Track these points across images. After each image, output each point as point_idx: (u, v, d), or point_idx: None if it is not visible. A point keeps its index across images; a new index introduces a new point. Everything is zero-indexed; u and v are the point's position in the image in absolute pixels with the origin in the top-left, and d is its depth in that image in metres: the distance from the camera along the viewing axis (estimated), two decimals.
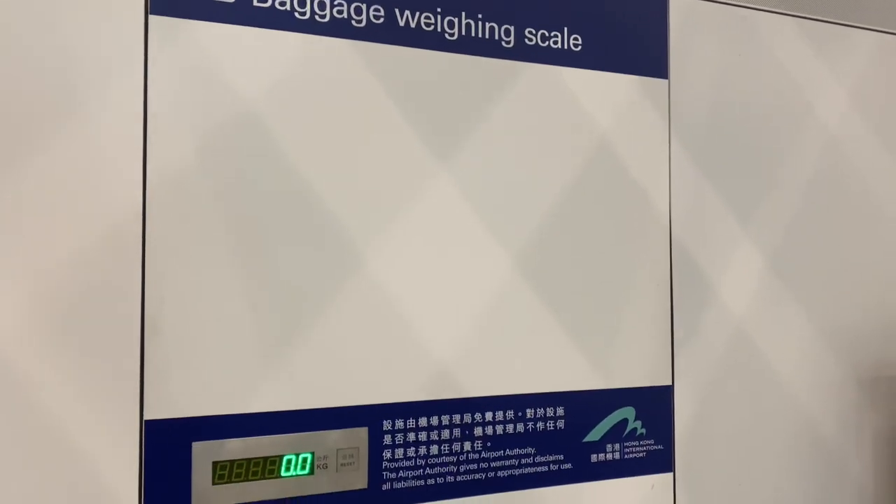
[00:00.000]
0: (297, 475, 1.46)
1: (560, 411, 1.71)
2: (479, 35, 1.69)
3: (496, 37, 1.70)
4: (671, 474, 1.82)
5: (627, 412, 1.77)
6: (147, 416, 1.35)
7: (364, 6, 1.58)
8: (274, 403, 1.45)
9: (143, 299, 1.36)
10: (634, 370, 1.79)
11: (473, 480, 1.63)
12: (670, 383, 1.83)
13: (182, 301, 1.39)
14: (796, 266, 2.03)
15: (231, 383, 1.42)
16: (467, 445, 1.62)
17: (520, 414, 1.67)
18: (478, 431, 1.64)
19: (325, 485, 1.49)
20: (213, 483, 1.39)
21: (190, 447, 1.38)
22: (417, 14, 1.63)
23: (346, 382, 1.52)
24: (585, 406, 1.73)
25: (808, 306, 2.03)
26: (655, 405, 1.81)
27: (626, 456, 1.77)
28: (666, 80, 1.88)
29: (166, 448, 1.37)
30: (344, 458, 1.51)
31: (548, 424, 1.70)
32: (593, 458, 1.74)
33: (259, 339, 1.44)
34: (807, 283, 2.04)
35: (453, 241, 1.64)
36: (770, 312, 1.97)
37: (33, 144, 1.31)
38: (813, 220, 2.07)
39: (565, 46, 1.77)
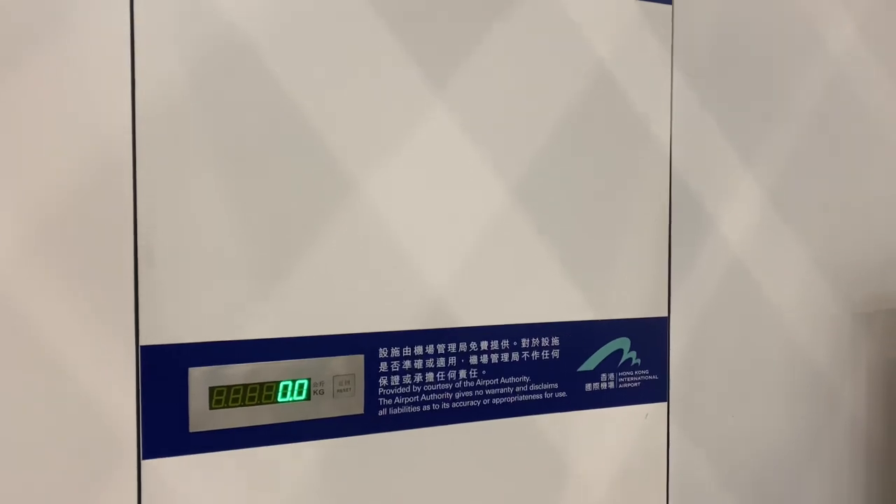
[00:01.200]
0: (293, 401, 1.48)
1: (555, 341, 1.72)
2: None
3: None
4: (665, 404, 1.84)
5: (622, 343, 1.78)
6: (143, 342, 1.36)
7: None
8: (270, 331, 1.46)
9: (136, 227, 1.36)
10: (630, 301, 1.79)
11: (468, 408, 1.65)
12: (666, 315, 1.83)
13: (174, 228, 1.38)
14: (797, 200, 2.01)
15: (226, 310, 1.42)
16: (462, 374, 1.64)
17: (515, 343, 1.68)
18: (473, 360, 1.65)
19: (321, 410, 1.51)
20: (211, 408, 1.41)
21: (186, 373, 1.40)
22: None
23: (342, 311, 1.52)
24: (580, 336, 1.74)
25: (807, 240, 2.02)
26: (651, 336, 1.82)
27: (620, 385, 1.79)
28: (669, 6, 1.83)
29: (163, 374, 1.38)
30: (340, 385, 1.52)
31: (543, 354, 1.71)
32: (588, 387, 1.76)
33: (253, 267, 1.44)
34: (807, 217, 2.03)
35: (449, 169, 1.62)
36: (769, 245, 1.96)
37: (17, 70, 1.29)
38: (816, 154, 2.04)
39: None
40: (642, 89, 1.80)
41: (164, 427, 1.38)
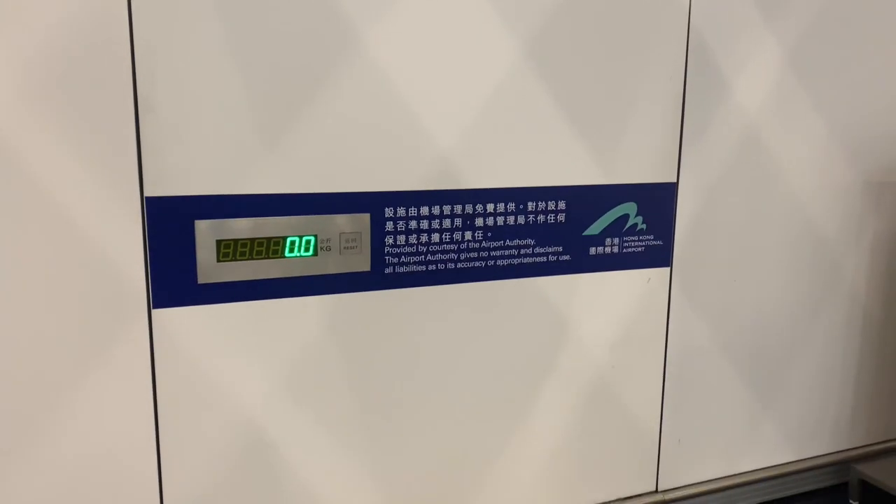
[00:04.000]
0: (300, 256, 1.49)
1: (561, 205, 1.71)
2: None
3: None
4: (668, 269, 1.85)
5: (629, 207, 1.77)
6: (147, 194, 1.35)
7: None
8: (276, 185, 1.45)
9: (134, 74, 1.31)
10: (639, 166, 1.76)
11: (473, 268, 1.66)
12: (675, 180, 1.81)
13: (174, 77, 1.34)
14: (816, 66, 1.93)
15: (231, 163, 1.40)
16: (468, 235, 1.64)
17: (521, 206, 1.67)
18: (479, 222, 1.65)
19: (328, 266, 1.52)
20: (218, 260, 1.42)
21: (193, 225, 1.39)
22: None
23: (349, 168, 1.50)
24: (587, 200, 1.73)
25: (824, 108, 1.96)
26: (658, 201, 1.80)
27: (624, 250, 1.79)
28: None
29: (169, 225, 1.38)
30: (347, 242, 1.53)
31: (548, 217, 1.71)
32: (592, 251, 1.76)
33: (258, 120, 1.41)
34: (825, 84, 1.96)
35: (458, 25, 1.54)
36: (784, 112, 1.91)
37: None
38: (839, 19, 1.94)
39: None
40: None
41: (173, 278, 1.40)
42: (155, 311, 1.40)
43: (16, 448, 1.34)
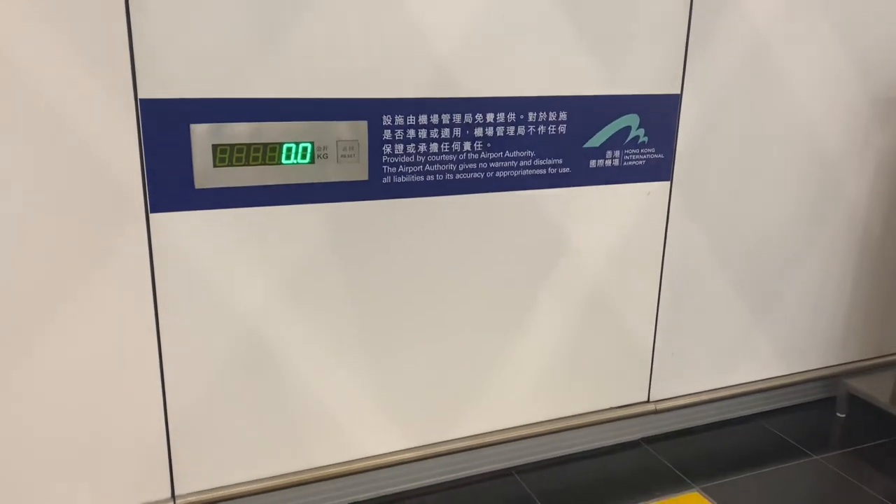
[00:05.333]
0: (297, 163, 1.48)
1: (562, 116, 1.69)
2: None
3: None
4: (668, 183, 1.84)
5: (631, 119, 1.75)
6: (142, 96, 1.33)
7: None
8: (273, 90, 1.42)
9: None
10: (643, 77, 1.73)
11: (472, 179, 1.65)
12: (679, 92, 1.78)
13: None
14: None
15: (226, 66, 1.38)
16: (467, 145, 1.63)
17: (521, 117, 1.65)
18: (478, 132, 1.63)
19: (326, 175, 1.51)
20: (215, 166, 1.42)
21: (189, 129, 1.38)
22: None
23: (347, 74, 1.47)
24: (589, 111, 1.70)
25: (835, 21, 1.90)
26: (661, 114, 1.77)
27: (625, 163, 1.78)
28: None
29: (165, 129, 1.37)
30: (344, 150, 1.52)
31: (549, 129, 1.69)
32: (592, 163, 1.75)
33: (254, 21, 1.37)
34: None
35: None
36: (794, 24, 1.85)
37: None
38: None
39: None
40: None
41: (170, 182, 1.39)
42: (153, 216, 1.40)
43: (20, 352, 1.37)
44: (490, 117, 1.63)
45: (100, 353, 1.43)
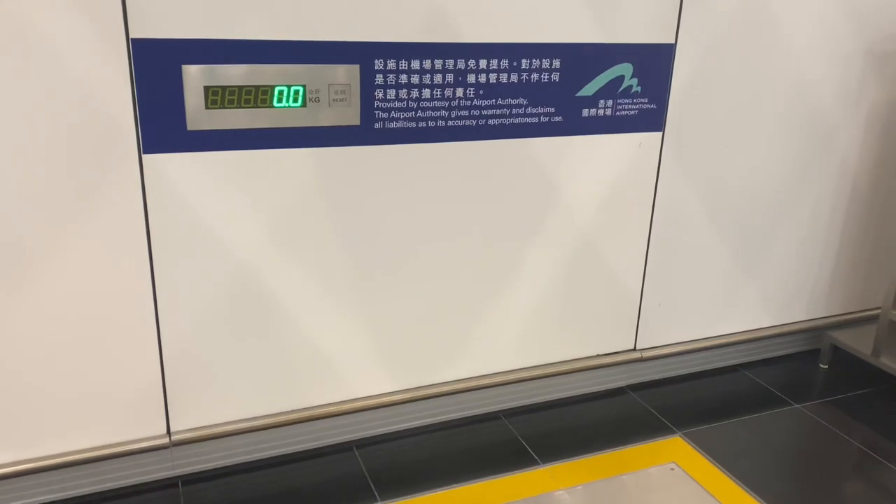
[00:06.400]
0: (289, 107, 1.49)
1: (556, 63, 1.68)
2: None
3: None
4: (660, 134, 1.85)
5: (625, 69, 1.75)
6: (133, 35, 1.33)
7: None
8: (265, 31, 1.42)
9: None
10: (638, 25, 1.72)
11: (464, 126, 1.66)
12: (673, 41, 1.77)
13: None
14: None
15: (219, 7, 1.37)
16: (459, 92, 1.63)
17: (514, 64, 1.65)
18: (471, 78, 1.63)
19: (317, 118, 1.52)
20: (207, 107, 1.42)
21: (181, 70, 1.38)
22: None
23: (339, 16, 1.46)
24: (582, 60, 1.70)
25: None
26: (654, 63, 1.77)
27: (617, 113, 1.78)
28: None
29: (157, 69, 1.36)
30: (336, 94, 1.52)
31: (542, 76, 1.68)
32: (585, 112, 1.75)
33: None
34: None
35: None
36: None
37: None
38: None
39: None
40: None
41: (162, 124, 1.40)
42: (146, 157, 1.41)
43: (13, 291, 1.39)
44: (483, 63, 1.62)
45: (94, 291, 1.45)
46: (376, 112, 1.57)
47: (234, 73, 1.42)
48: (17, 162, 1.33)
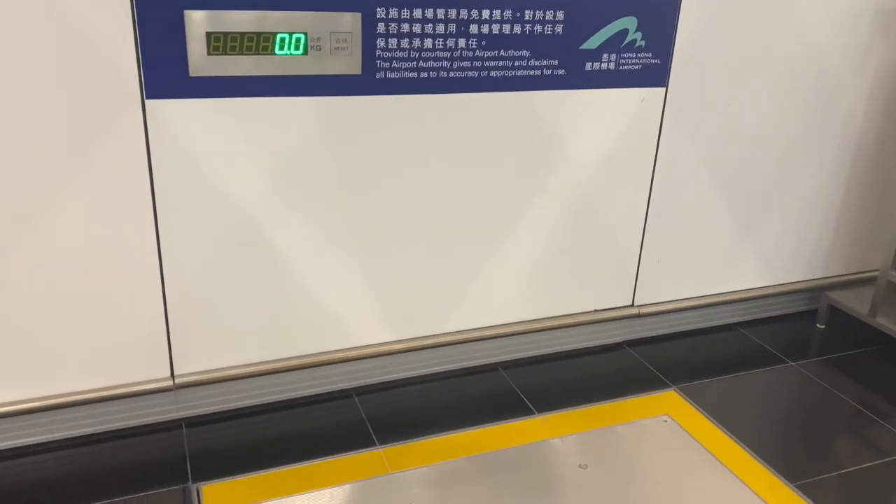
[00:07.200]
0: (290, 54, 1.49)
1: (560, 15, 1.67)
2: None
3: None
4: (663, 89, 1.84)
5: (629, 22, 1.73)
6: None
7: None
8: None
9: None
10: None
11: (466, 78, 1.66)
12: None
13: None
14: None
15: None
16: (462, 42, 1.62)
17: (518, 14, 1.64)
18: (473, 29, 1.62)
19: (319, 67, 1.52)
20: (209, 53, 1.42)
21: (183, 15, 1.38)
22: None
23: None
24: (586, 12, 1.69)
25: None
26: (659, 18, 1.76)
27: (621, 67, 1.78)
28: None
29: (159, 14, 1.37)
30: (337, 43, 1.52)
31: (545, 28, 1.68)
32: (588, 66, 1.75)
33: None
34: None
35: None
36: None
37: None
38: None
39: None
40: None
41: (165, 69, 1.41)
42: (148, 102, 1.42)
43: (21, 236, 1.42)
44: (486, 14, 1.62)
45: (99, 236, 1.48)
46: (378, 61, 1.57)
47: (237, 20, 1.42)
48: (18, 110, 1.34)
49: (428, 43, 1.60)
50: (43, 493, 1.49)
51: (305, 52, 1.50)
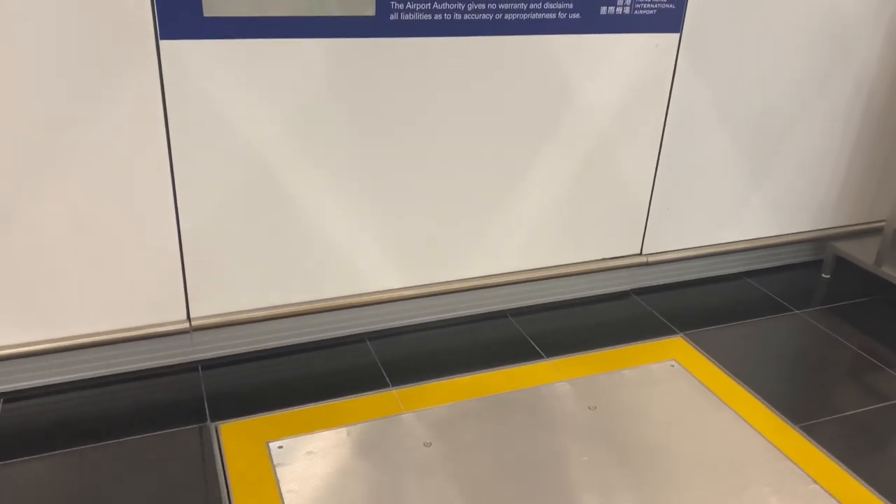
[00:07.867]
0: None
1: None
2: None
3: None
4: (678, 35, 1.83)
5: None
6: None
7: None
8: None
9: None
10: None
11: (481, 21, 1.64)
12: None
13: None
14: None
15: None
16: None
17: None
18: None
19: (333, 8, 1.50)
20: None
21: None
22: None
23: None
24: None
25: None
26: None
27: (636, 11, 1.76)
28: None
29: None
30: None
31: None
32: (603, 10, 1.73)
33: None
34: None
35: None
36: None
37: None
38: None
39: None
40: None
41: (179, 9, 1.39)
42: (163, 42, 1.41)
43: (37, 179, 1.42)
44: None
45: (115, 179, 1.48)
46: (392, 2, 1.55)
47: None
48: (35, 53, 1.33)
49: None
50: (65, 430, 1.52)
51: None
